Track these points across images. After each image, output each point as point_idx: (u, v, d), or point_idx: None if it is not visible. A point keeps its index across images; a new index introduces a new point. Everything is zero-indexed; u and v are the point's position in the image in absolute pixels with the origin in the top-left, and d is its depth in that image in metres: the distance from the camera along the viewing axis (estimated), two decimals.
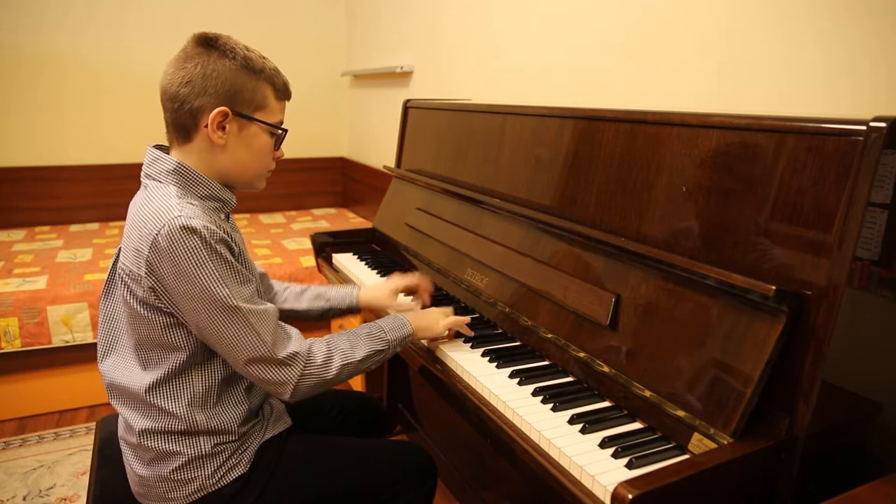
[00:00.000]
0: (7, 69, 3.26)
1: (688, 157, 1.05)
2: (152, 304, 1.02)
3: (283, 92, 1.12)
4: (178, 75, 1.03)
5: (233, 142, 1.07)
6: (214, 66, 1.03)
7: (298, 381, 1.05)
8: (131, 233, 1.03)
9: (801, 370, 0.84)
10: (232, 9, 3.64)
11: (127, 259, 1.04)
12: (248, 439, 1.14)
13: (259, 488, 1.11)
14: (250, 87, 1.06)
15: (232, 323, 1.00)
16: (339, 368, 1.10)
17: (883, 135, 0.79)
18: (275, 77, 1.09)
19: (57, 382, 2.46)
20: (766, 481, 0.86)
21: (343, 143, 4.12)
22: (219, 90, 1.03)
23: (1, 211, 3.35)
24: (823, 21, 1.19)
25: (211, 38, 1.06)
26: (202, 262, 0.97)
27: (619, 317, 1.07)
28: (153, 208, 1.00)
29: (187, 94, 1.03)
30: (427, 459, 1.29)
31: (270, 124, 1.10)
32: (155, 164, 1.07)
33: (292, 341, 1.06)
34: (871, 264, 0.85)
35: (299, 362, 1.05)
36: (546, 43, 1.99)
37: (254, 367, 1.02)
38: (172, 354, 1.05)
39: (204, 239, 0.97)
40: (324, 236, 2.03)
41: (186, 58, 1.04)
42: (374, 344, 1.16)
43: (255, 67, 1.06)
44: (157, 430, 1.06)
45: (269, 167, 1.15)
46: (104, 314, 1.15)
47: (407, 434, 2.27)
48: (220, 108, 1.03)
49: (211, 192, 1.09)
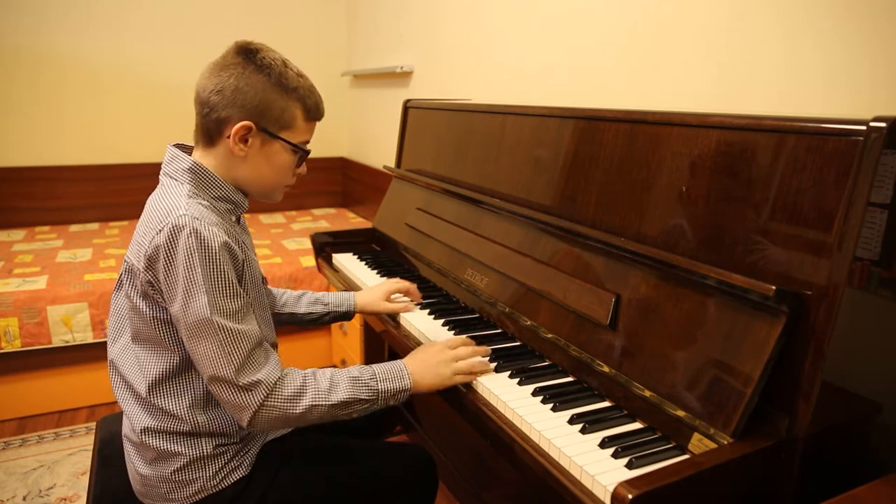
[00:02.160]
0: (7, 69, 3.26)
1: (688, 157, 1.05)
2: (151, 298, 1.02)
3: (314, 113, 1.11)
4: (213, 82, 1.03)
5: (254, 155, 1.07)
6: (248, 80, 1.03)
7: (258, 411, 0.99)
8: (141, 226, 1.03)
9: (801, 370, 0.84)
10: (232, 9, 3.64)
11: (132, 252, 1.04)
12: (250, 441, 1.14)
13: (261, 490, 1.11)
14: (280, 105, 1.05)
15: (204, 336, 0.97)
16: (306, 408, 1.02)
17: (883, 135, 0.79)
18: (307, 98, 1.09)
19: (57, 382, 2.46)
20: (766, 481, 0.86)
21: (343, 143, 4.11)
22: (247, 104, 1.03)
23: (1, 211, 3.35)
24: (823, 21, 1.19)
25: (252, 49, 1.05)
26: (194, 265, 0.96)
27: (619, 317, 1.07)
28: (164, 205, 1.00)
29: (217, 102, 1.03)
30: (427, 459, 1.29)
31: (294, 144, 1.09)
32: (173, 163, 1.07)
33: (263, 369, 1.00)
34: (871, 264, 0.85)
35: (262, 391, 0.99)
36: (546, 43, 1.99)
37: (215, 385, 0.99)
38: (167, 354, 1.05)
39: (203, 241, 0.96)
40: (324, 236, 2.03)
41: (224, 66, 1.04)
42: (357, 391, 1.06)
43: (288, 86, 1.06)
44: (158, 430, 1.06)
45: (288, 182, 1.15)
46: (113, 307, 1.14)
47: (407, 434, 2.27)
48: (244, 123, 1.03)
49: (224, 193, 1.09)
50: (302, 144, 1.11)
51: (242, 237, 1.14)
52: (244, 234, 1.18)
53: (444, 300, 1.53)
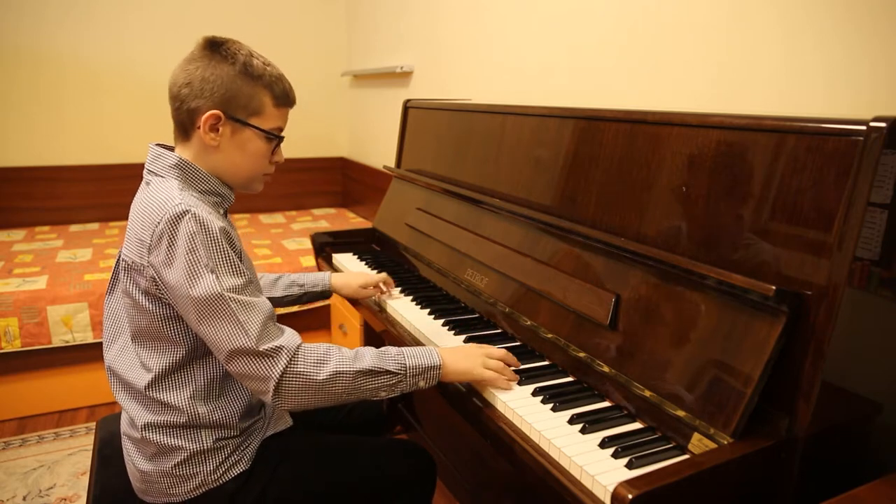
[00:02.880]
0: (7, 69, 3.26)
1: (688, 156, 1.05)
2: (154, 295, 1.03)
3: (283, 99, 1.12)
4: (182, 76, 1.07)
5: (226, 144, 1.09)
6: (213, 70, 1.06)
7: (281, 378, 0.97)
8: (134, 225, 1.05)
9: (801, 370, 0.84)
10: (232, 9, 3.64)
11: (130, 250, 1.05)
12: (250, 436, 1.15)
13: (261, 485, 1.12)
14: (247, 92, 1.08)
15: (216, 311, 0.98)
16: (330, 374, 1.00)
17: (883, 135, 0.79)
18: (274, 84, 1.10)
19: (57, 382, 2.46)
20: (766, 481, 0.86)
21: (343, 143, 4.12)
22: (215, 93, 1.06)
23: (1, 211, 3.35)
24: (823, 21, 1.19)
25: (217, 41, 1.08)
26: (195, 247, 0.98)
27: (619, 317, 1.07)
28: (157, 199, 1.02)
29: (186, 94, 1.06)
30: (427, 459, 1.30)
31: (264, 130, 1.11)
32: (158, 161, 1.10)
33: (282, 336, 1.00)
34: (871, 264, 0.85)
35: (284, 356, 0.98)
36: (546, 43, 1.99)
37: (236, 360, 0.98)
38: (172, 348, 1.06)
39: (203, 224, 0.99)
40: (324, 236, 2.03)
41: (191, 59, 1.07)
42: (383, 362, 1.04)
43: (253, 73, 1.08)
44: (159, 424, 1.06)
45: (266, 171, 1.16)
46: (108, 310, 1.15)
47: (407, 434, 2.27)
48: (212, 112, 1.06)
49: (211, 187, 1.11)
50: (274, 131, 1.12)
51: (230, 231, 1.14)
52: (232, 229, 1.17)
53: (444, 300, 1.53)
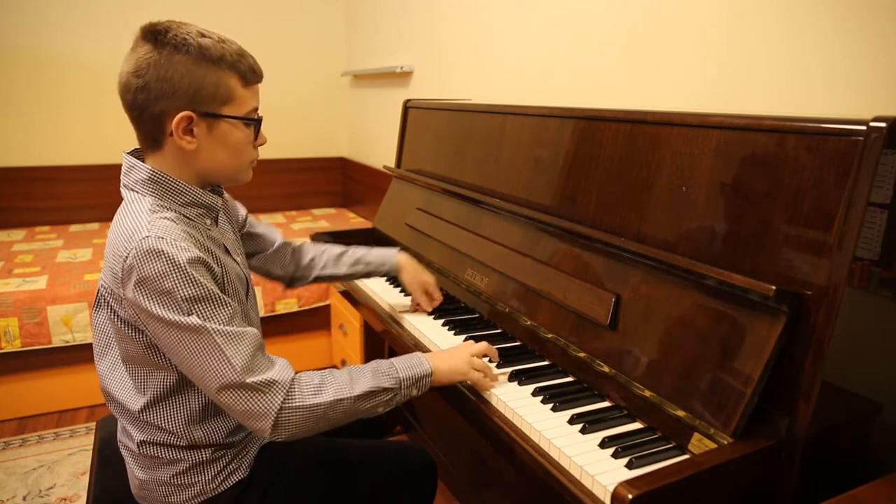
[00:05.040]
0: (7, 69, 3.26)
1: (688, 157, 1.05)
2: (134, 325, 0.97)
3: (251, 76, 1.01)
4: (132, 81, 0.94)
5: (205, 143, 0.99)
6: (167, 66, 0.93)
7: (279, 414, 0.93)
8: (108, 250, 0.97)
9: (801, 370, 0.84)
10: (232, 9, 3.64)
11: (106, 277, 0.98)
12: (248, 444, 1.13)
13: (260, 492, 1.10)
14: (211, 80, 0.95)
15: (200, 347, 0.91)
16: (330, 403, 0.96)
17: (883, 135, 0.79)
18: (238, 62, 0.98)
19: (57, 382, 2.46)
20: (766, 481, 0.86)
21: (343, 143, 4.11)
22: (178, 92, 0.94)
23: (1, 211, 3.35)
24: (823, 21, 1.19)
25: (159, 29, 0.95)
26: (166, 288, 0.89)
27: (619, 317, 1.07)
28: (126, 226, 0.94)
29: (145, 100, 0.94)
30: (427, 459, 1.29)
31: (241, 118, 1.00)
32: (131, 174, 1.00)
33: (273, 369, 0.95)
34: (871, 264, 0.85)
35: (278, 391, 0.93)
36: (546, 43, 1.99)
37: (226, 394, 0.92)
38: (160, 374, 1.01)
39: (171, 260, 0.89)
40: (324, 236, 2.03)
41: (137, 58, 0.94)
42: (378, 380, 1.02)
43: (212, 56, 0.95)
44: (155, 443, 1.04)
45: (252, 157, 1.06)
46: (96, 322, 1.07)
47: (407, 434, 2.27)
48: (182, 114, 0.94)
49: (193, 198, 1.01)
50: (250, 114, 1.02)
51: (223, 239, 1.08)
52: (227, 235, 1.11)
53: (444, 300, 1.53)
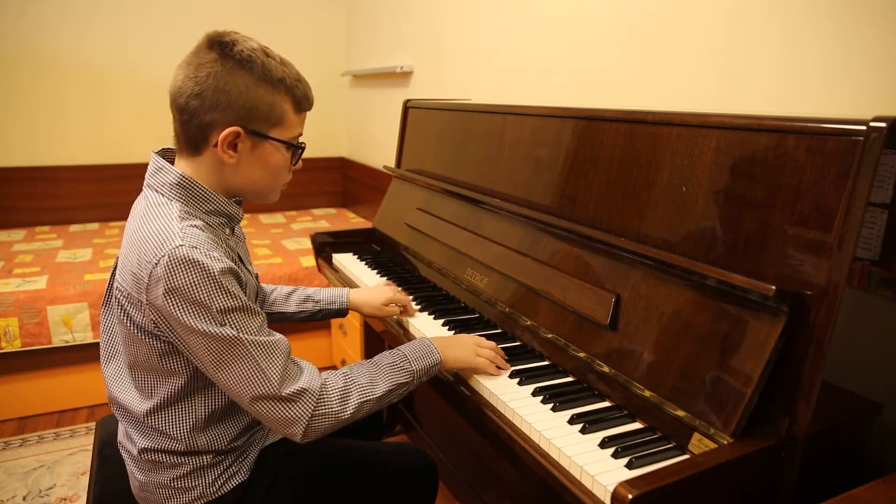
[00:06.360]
0: (7, 69, 3.26)
1: (688, 157, 1.05)
2: (151, 332, 0.96)
3: (304, 104, 1.03)
4: (189, 86, 0.94)
5: (245, 160, 1.00)
6: (229, 79, 0.94)
7: (311, 421, 0.96)
8: (130, 251, 0.95)
9: (801, 370, 0.84)
10: (232, 9, 3.64)
11: (125, 281, 0.96)
12: (249, 447, 1.13)
13: (260, 494, 1.10)
14: (268, 101, 0.97)
15: (234, 357, 0.92)
16: (356, 406, 1.00)
17: (883, 135, 0.79)
18: (295, 88, 1.00)
19: (57, 382, 2.46)
20: (766, 481, 0.86)
21: (343, 143, 4.11)
22: (232, 106, 0.94)
23: (1, 211, 3.35)
24: (823, 21, 1.19)
25: (226, 42, 0.95)
26: (200, 298, 0.90)
27: (619, 317, 1.07)
28: (154, 230, 0.93)
29: (197, 107, 0.94)
30: (427, 460, 1.29)
31: (287, 142, 1.02)
32: (158, 175, 1.00)
33: (303, 377, 0.97)
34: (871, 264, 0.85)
35: (310, 400, 0.96)
36: (546, 43, 1.99)
37: (260, 405, 0.94)
38: (170, 380, 1.00)
39: (206, 270, 0.90)
40: (324, 236, 2.03)
41: (199, 65, 0.94)
42: (396, 376, 1.06)
43: (273, 78, 0.97)
44: (156, 450, 1.04)
45: (286, 180, 1.09)
46: (104, 324, 1.08)
47: (407, 434, 2.27)
48: (231, 129, 0.95)
49: (217, 207, 1.02)
50: (294, 139, 1.04)
51: (238, 248, 1.10)
52: (240, 243, 1.13)
53: (444, 300, 1.53)
